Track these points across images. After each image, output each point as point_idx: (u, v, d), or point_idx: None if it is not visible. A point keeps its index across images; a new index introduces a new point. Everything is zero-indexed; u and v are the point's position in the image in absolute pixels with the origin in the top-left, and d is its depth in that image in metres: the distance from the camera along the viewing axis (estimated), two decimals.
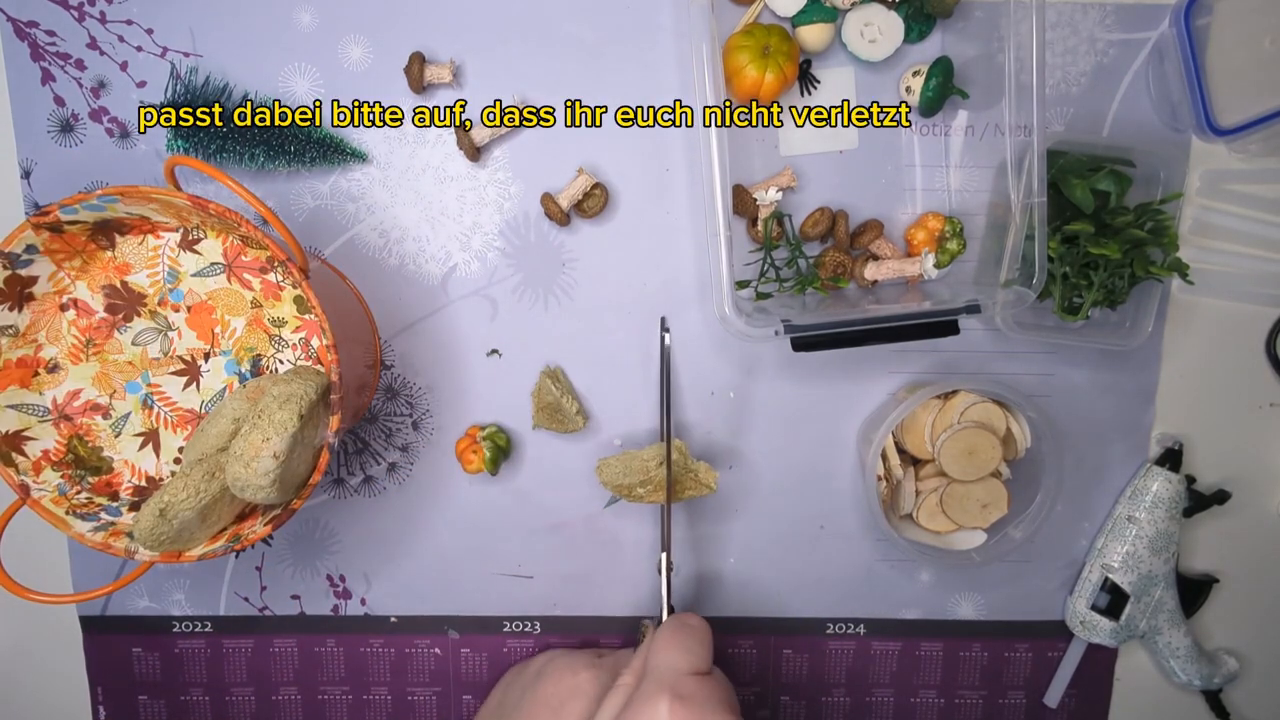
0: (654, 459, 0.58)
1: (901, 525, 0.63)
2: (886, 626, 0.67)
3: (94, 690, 0.67)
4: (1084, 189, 0.56)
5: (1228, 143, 0.61)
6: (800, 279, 0.60)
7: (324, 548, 0.65)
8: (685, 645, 0.51)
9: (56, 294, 0.56)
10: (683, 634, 0.51)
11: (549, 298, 0.62)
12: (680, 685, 0.48)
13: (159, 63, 0.59)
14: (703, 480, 0.59)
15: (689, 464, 0.59)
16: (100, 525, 0.54)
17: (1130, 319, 0.61)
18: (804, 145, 0.61)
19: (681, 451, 0.58)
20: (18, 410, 0.55)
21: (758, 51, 0.55)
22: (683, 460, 0.58)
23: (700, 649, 0.51)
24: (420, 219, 0.61)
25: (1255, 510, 0.66)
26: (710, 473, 0.59)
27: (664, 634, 0.51)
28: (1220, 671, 0.65)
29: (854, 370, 0.63)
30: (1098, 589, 0.64)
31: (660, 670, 0.49)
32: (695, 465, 0.59)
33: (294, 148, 0.58)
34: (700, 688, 0.48)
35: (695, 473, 0.59)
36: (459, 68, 0.59)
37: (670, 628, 0.52)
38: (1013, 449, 0.62)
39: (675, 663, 0.50)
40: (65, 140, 0.60)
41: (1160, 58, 0.61)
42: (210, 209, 0.49)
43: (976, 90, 0.60)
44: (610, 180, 0.61)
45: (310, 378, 0.50)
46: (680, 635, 0.51)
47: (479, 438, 0.61)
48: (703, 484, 0.60)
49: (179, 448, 0.58)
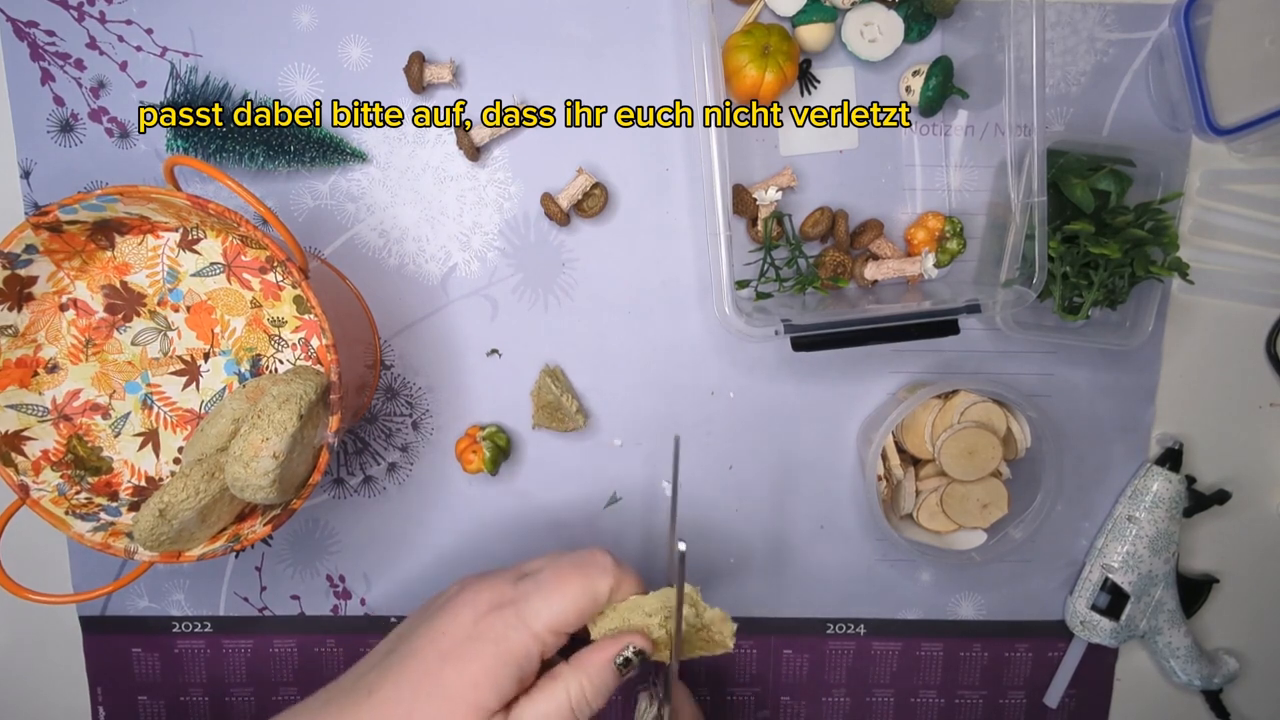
0: (657, 613, 0.45)
1: (901, 525, 0.63)
2: (886, 626, 0.67)
3: (94, 690, 0.67)
4: (1084, 189, 0.56)
5: (1228, 143, 0.61)
6: (800, 279, 0.60)
7: (324, 548, 0.65)
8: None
9: (56, 294, 0.56)
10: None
11: (549, 297, 0.62)
12: None
13: (159, 63, 0.59)
14: (716, 638, 0.47)
15: (701, 615, 0.46)
16: (100, 525, 0.54)
17: (1130, 319, 0.61)
18: (804, 145, 0.61)
19: (693, 601, 0.46)
20: (17, 410, 0.55)
21: (758, 51, 0.55)
22: (694, 612, 0.46)
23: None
24: (420, 219, 0.61)
25: (1255, 510, 0.66)
26: (726, 624, 0.46)
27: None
28: (1220, 671, 0.65)
29: (854, 370, 0.63)
30: (1098, 589, 0.64)
31: None
32: (709, 616, 0.46)
33: (294, 148, 0.58)
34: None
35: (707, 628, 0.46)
36: (459, 68, 0.59)
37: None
38: (1013, 449, 0.62)
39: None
40: (65, 140, 0.60)
41: (1160, 57, 0.61)
42: (210, 209, 0.49)
43: (976, 90, 0.60)
44: (610, 180, 0.61)
45: (310, 378, 0.50)
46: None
47: (479, 438, 0.61)
48: (716, 642, 0.47)
49: (179, 448, 0.58)
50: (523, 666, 0.41)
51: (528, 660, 0.42)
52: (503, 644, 0.41)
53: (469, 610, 0.43)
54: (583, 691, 0.41)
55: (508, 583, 0.44)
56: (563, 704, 0.41)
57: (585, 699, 0.41)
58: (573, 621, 0.43)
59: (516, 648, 0.41)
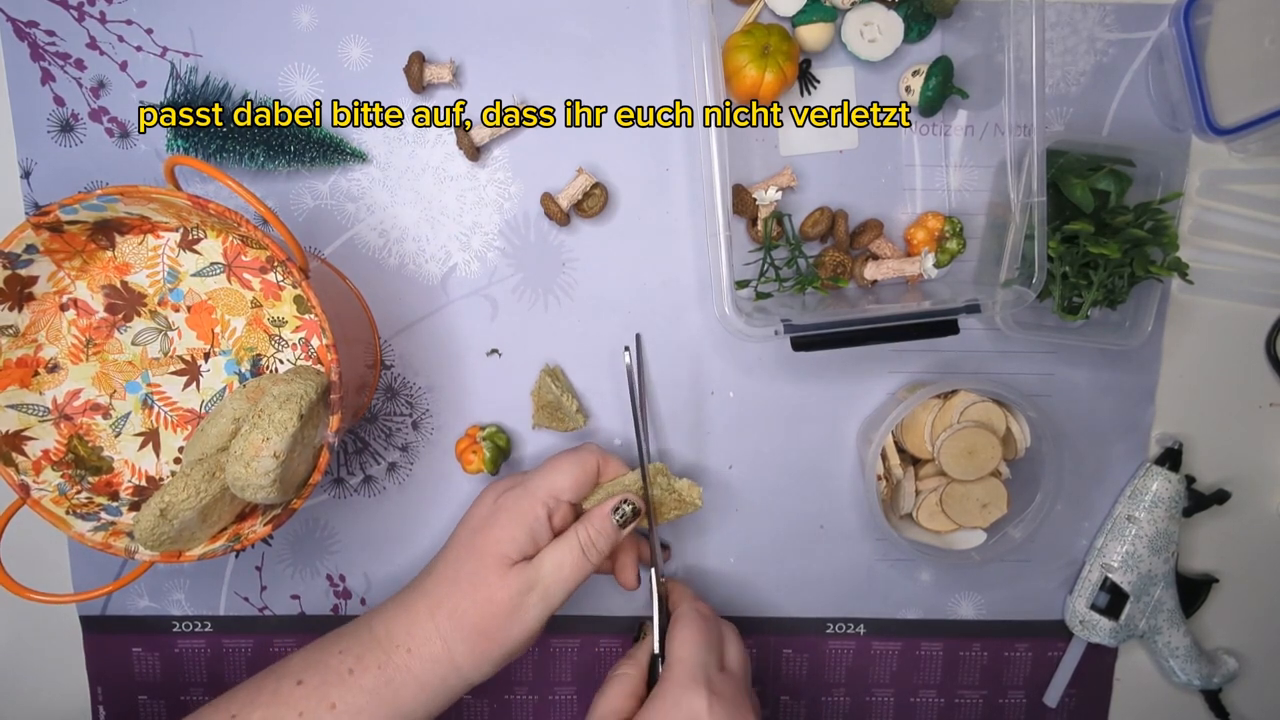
0: (635, 484, 0.57)
1: (901, 525, 0.63)
2: (886, 626, 0.67)
3: (94, 690, 0.67)
4: (1084, 189, 0.56)
5: (1228, 143, 0.61)
6: (800, 279, 0.60)
7: (324, 548, 0.65)
8: (710, 641, 0.53)
9: (56, 294, 0.56)
10: (705, 628, 0.53)
11: (549, 297, 0.62)
12: (715, 682, 0.50)
13: (159, 63, 0.59)
14: (687, 499, 0.58)
15: (671, 484, 0.58)
16: (100, 525, 0.54)
17: (1130, 319, 0.61)
18: (804, 145, 0.61)
19: (663, 473, 0.58)
20: (18, 410, 0.55)
21: (758, 51, 0.55)
22: (665, 482, 0.58)
23: (719, 644, 0.53)
24: (420, 219, 0.61)
25: (1255, 510, 0.66)
26: (693, 489, 0.58)
27: (687, 629, 0.53)
28: (1220, 671, 0.65)
29: (854, 370, 0.63)
30: (1097, 589, 0.64)
31: (689, 664, 0.51)
32: (678, 485, 0.58)
33: (294, 148, 0.58)
34: (729, 684, 0.51)
35: (678, 493, 0.58)
36: (459, 68, 0.59)
37: (692, 623, 0.53)
38: (1013, 449, 0.62)
39: (702, 657, 0.51)
40: (65, 140, 0.60)
41: (1160, 57, 0.61)
42: (210, 209, 0.49)
43: (976, 90, 0.60)
44: (610, 180, 0.61)
45: (310, 377, 0.50)
46: (704, 630, 0.53)
47: (479, 438, 0.61)
48: (687, 502, 0.59)
49: (179, 448, 0.58)
50: (533, 527, 0.52)
51: (537, 522, 0.52)
52: (515, 511, 0.52)
53: (490, 495, 0.55)
54: (588, 535, 0.52)
55: (518, 474, 0.57)
56: (574, 545, 0.52)
57: (591, 541, 0.52)
58: (568, 488, 0.54)
59: (526, 511, 0.52)
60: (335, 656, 0.51)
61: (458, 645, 0.51)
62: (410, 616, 0.52)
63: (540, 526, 0.53)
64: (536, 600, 0.51)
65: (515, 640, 0.51)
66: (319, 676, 0.50)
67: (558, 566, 0.52)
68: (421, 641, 0.51)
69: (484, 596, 0.51)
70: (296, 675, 0.51)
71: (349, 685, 0.50)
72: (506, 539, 0.52)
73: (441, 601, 0.52)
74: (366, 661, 0.51)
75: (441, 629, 0.51)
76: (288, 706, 0.50)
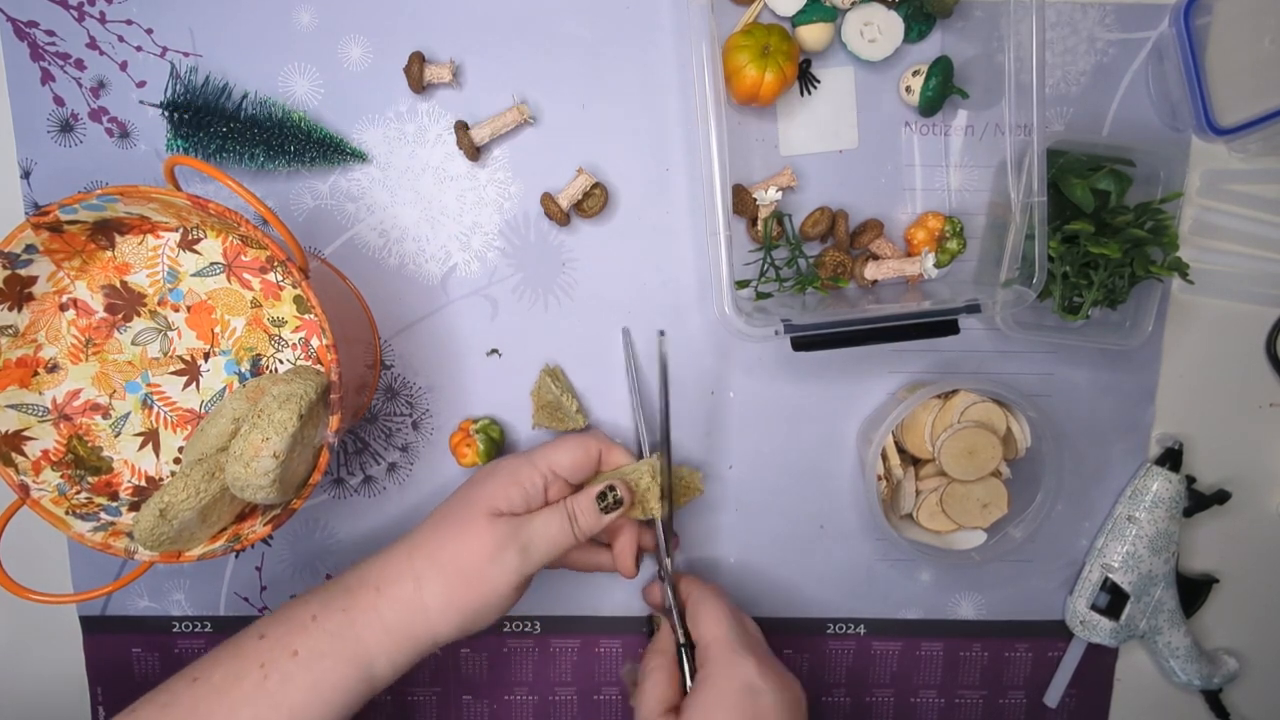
0: (634, 473, 0.57)
1: (901, 525, 0.63)
2: (886, 626, 0.67)
3: (94, 690, 0.67)
4: (1084, 189, 0.56)
5: (1228, 143, 0.61)
6: (800, 279, 0.60)
7: (324, 548, 0.65)
8: (734, 613, 0.55)
9: (56, 294, 0.56)
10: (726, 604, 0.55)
11: (549, 297, 0.62)
12: (754, 646, 0.53)
13: (159, 63, 0.59)
14: (689, 484, 0.60)
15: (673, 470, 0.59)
16: (100, 525, 0.54)
17: (1130, 319, 0.61)
18: (804, 145, 0.61)
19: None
20: (17, 410, 0.55)
21: (758, 51, 0.55)
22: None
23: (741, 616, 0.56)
24: (420, 219, 0.61)
25: (1255, 510, 0.66)
26: (694, 474, 0.60)
27: (711, 608, 0.55)
28: (1220, 671, 0.65)
29: (854, 370, 0.63)
30: (1098, 589, 0.64)
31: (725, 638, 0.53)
32: (680, 471, 0.60)
33: (294, 148, 0.58)
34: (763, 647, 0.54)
35: (682, 479, 0.60)
36: (459, 68, 0.59)
37: (714, 600, 0.55)
38: (1013, 449, 0.62)
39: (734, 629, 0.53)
40: (65, 140, 0.60)
41: (1160, 57, 0.61)
42: (210, 209, 0.49)
43: (976, 90, 0.60)
44: (610, 180, 0.61)
45: (310, 377, 0.50)
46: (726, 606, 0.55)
47: (472, 430, 0.61)
48: (691, 488, 0.60)
49: (179, 448, 0.58)
50: (527, 490, 0.54)
51: (531, 485, 0.54)
52: (512, 472, 0.54)
53: (498, 461, 0.57)
54: (574, 510, 0.54)
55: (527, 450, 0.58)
56: (562, 514, 0.53)
57: (575, 515, 0.53)
58: (567, 465, 0.55)
59: (522, 474, 0.54)
60: (300, 607, 0.51)
61: (430, 584, 0.50)
62: (386, 557, 0.52)
63: (534, 491, 0.54)
64: (517, 553, 0.51)
65: (489, 589, 0.51)
66: (282, 628, 0.50)
67: (544, 525, 0.53)
68: (392, 580, 0.51)
69: (465, 539, 0.51)
70: (260, 630, 0.50)
71: (310, 631, 0.49)
72: (500, 494, 0.53)
73: (422, 543, 0.52)
74: (331, 607, 0.50)
75: (417, 567, 0.51)
76: (249, 660, 0.48)
